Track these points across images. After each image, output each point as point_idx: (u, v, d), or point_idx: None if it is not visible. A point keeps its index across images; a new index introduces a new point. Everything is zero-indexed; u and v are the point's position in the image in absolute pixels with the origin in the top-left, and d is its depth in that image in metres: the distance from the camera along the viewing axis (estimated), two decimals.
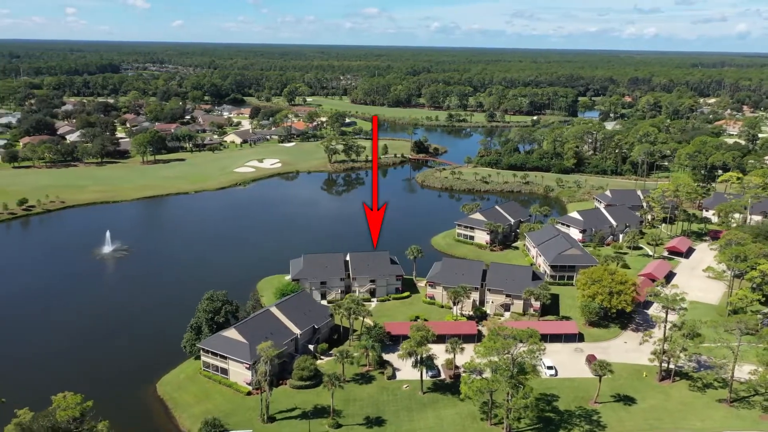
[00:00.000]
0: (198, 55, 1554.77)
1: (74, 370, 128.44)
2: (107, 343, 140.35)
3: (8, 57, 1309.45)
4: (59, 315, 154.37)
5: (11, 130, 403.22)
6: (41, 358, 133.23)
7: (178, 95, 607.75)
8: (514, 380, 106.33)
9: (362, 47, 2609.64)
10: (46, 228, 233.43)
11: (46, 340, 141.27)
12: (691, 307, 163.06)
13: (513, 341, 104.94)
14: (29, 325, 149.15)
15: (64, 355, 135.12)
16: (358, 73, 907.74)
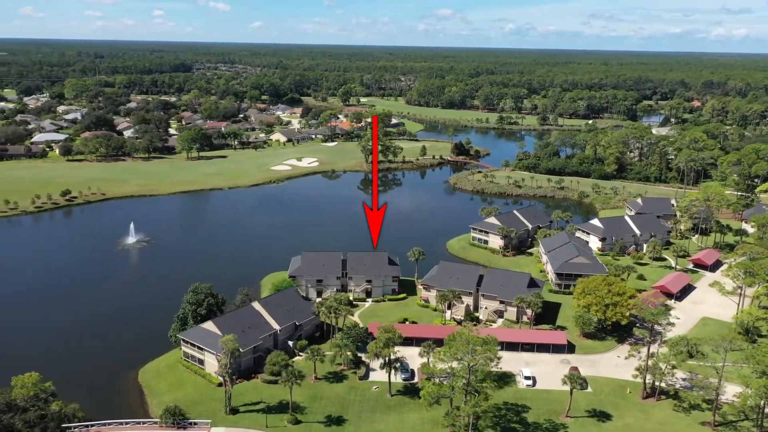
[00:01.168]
0: (268, 55, 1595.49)
1: (65, 354, 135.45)
2: (103, 330, 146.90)
3: (92, 57, 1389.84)
4: (66, 300, 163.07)
5: (75, 126, 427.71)
6: (39, 341, 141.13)
7: (236, 94, 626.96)
8: (471, 387, 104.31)
9: (434, 49, 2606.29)
10: (81, 218, 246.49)
11: (47, 324, 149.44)
12: (701, 324, 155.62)
13: (466, 347, 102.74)
14: (36, 308, 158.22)
15: (61, 339, 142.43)
16: (420, 74, 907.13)
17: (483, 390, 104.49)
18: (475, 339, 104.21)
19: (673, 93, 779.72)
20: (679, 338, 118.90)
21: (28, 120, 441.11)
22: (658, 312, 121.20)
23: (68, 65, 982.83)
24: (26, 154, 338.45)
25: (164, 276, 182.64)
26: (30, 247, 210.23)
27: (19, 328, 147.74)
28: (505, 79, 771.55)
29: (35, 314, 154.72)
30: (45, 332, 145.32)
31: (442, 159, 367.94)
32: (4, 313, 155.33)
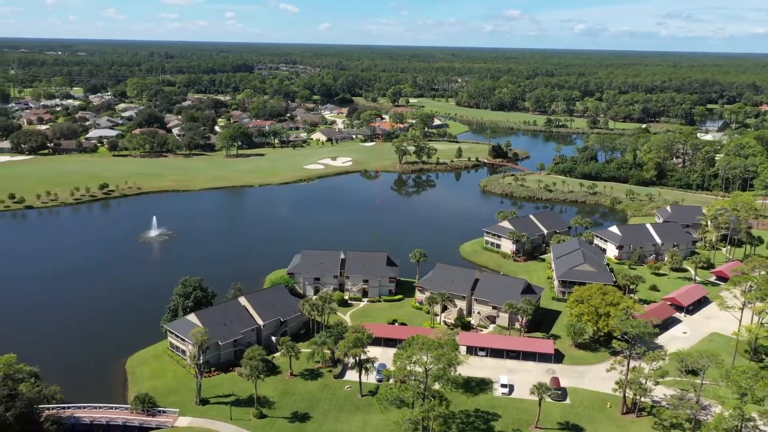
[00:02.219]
0: (330, 56, 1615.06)
1: (63, 339, 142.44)
2: (105, 318, 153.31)
3: (163, 57, 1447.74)
4: (76, 288, 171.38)
5: (129, 123, 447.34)
6: (41, 325, 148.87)
7: (287, 94, 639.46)
8: (428, 391, 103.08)
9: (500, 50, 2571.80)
10: (113, 211, 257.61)
11: (53, 309, 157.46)
12: (707, 339, 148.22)
13: (420, 349, 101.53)
14: (45, 295, 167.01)
15: (62, 324, 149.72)
16: (478, 75, 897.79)
17: (438, 395, 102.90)
18: (430, 342, 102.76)
19: (741, 97, 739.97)
20: (658, 353, 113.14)
21: (86, 117, 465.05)
22: (639, 325, 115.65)
23: (137, 65, 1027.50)
24: (77, 148, 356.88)
25: (176, 268, 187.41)
26: (57, 237, 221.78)
27: (25, 312, 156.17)
28: (560, 81, 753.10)
29: (44, 300, 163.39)
30: (49, 317, 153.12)
31: (478, 161, 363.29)
32: (11, 298, 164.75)
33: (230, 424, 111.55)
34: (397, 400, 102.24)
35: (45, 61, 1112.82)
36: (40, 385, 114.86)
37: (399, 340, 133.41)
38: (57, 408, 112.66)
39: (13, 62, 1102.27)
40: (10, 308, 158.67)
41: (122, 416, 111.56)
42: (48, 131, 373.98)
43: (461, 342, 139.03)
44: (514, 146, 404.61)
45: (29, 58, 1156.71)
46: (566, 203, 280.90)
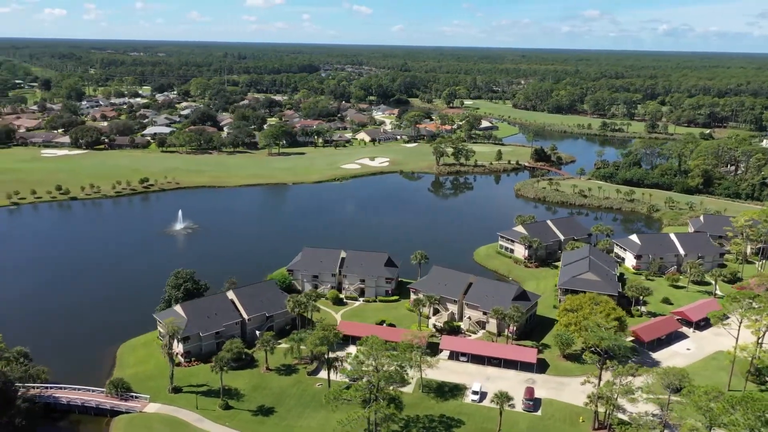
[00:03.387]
0: (397, 57, 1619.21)
1: (67, 324, 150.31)
2: (111, 305, 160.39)
3: (236, 58, 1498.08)
4: (93, 275, 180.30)
5: (184, 121, 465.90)
6: (48, 309, 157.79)
7: (343, 95, 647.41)
8: (380, 393, 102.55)
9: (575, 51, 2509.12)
10: (148, 204, 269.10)
11: (65, 295, 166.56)
12: (710, 358, 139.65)
13: (369, 351, 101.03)
14: (64, 281, 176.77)
15: (69, 310, 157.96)
16: (539, 77, 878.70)
17: (389, 396, 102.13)
18: (379, 343, 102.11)
19: None
20: (627, 368, 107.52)
21: (146, 114, 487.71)
22: (609, 337, 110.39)
23: (207, 65, 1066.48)
24: (130, 144, 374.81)
25: (188, 260, 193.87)
26: (88, 227, 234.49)
27: (36, 295, 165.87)
28: (625, 83, 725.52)
29: (56, 285, 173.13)
30: (57, 302, 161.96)
31: (519, 164, 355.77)
32: (27, 283, 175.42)
33: (195, 412, 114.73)
34: (342, 399, 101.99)
35: (124, 62, 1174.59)
36: (27, 364, 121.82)
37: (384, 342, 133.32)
38: (40, 387, 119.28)
39: (96, 62, 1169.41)
40: (24, 291, 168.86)
41: (97, 399, 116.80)
42: (105, 128, 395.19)
43: (443, 346, 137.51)
44: (563, 150, 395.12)
45: (110, 59, 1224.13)
46: (601, 210, 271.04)
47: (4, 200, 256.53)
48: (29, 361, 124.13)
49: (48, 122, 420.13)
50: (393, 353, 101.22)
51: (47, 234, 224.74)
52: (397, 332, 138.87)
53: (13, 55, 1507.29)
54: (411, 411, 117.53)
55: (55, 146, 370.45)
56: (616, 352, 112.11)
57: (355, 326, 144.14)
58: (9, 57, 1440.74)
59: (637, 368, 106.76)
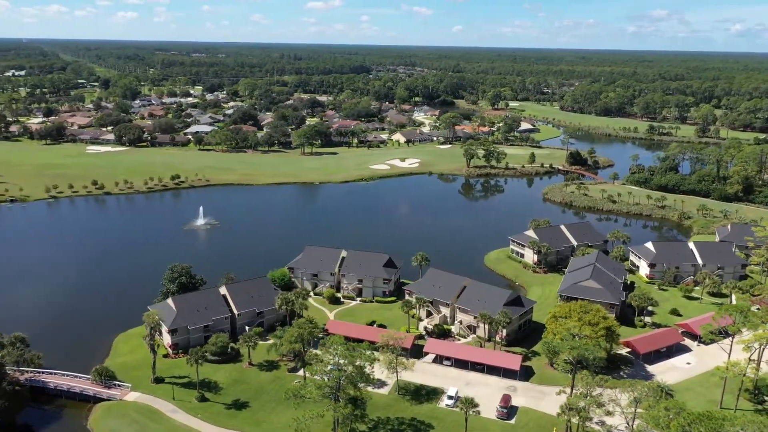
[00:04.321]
0: (452, 58, 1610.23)
1: (74, 312, 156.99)
2: (118, 296, 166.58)
3: (291, 58, 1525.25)
4: (107, 267, 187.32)
5: (226, 120, 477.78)
6: (61, 298, 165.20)
7: (387, 95, 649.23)
8: (341, 392, 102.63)
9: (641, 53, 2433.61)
10: (175, 200, 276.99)
11: (77, 285, 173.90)
12: (709, 374, 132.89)
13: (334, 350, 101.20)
14: (78, 272, 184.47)
15: (79, 299, 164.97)
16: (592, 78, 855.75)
17: (350, 397, 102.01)
18: (340, 342, 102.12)
19: None
20: (596, 379, 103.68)
21: (191, 113, 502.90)
22: (578, 346, 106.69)
23: (260, 66, 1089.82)
24: (170, 142, 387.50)
25: (202, 255, 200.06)
26: (114, 220, 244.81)
27: (48, 285, 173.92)
28: (681, 85, 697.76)
29: (69, 276, 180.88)
30: (67, 291, 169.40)
31: (552, 167, 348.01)
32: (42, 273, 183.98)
33: (171, 403, 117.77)
34: (300, 396, 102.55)
35: (183, 63, 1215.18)
36: (22, 349, 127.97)
37: (370, 342, 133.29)
38: (33, 372, 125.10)
39: (158, 63, 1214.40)
40: (40, 280, 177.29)
41: (82, 385, 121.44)
42: (149, 126, 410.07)
43: (427, 349, 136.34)
44: (605, 154, 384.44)
45: (170, 60, 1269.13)
46: (630, 216, 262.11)
47: (43, 194, 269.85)
48: (26, 346, 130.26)
49: (98, 120, 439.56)
50: (351, 353, 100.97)
51: (75, 226, 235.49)
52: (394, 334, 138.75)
53: (83, 56, 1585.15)
54: (383, 412, 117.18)
55: (100, 143, 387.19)
56: (589, 362, 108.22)
57: (344, 326, 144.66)
58: (78, 58, 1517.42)
59: (606, 380, 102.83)
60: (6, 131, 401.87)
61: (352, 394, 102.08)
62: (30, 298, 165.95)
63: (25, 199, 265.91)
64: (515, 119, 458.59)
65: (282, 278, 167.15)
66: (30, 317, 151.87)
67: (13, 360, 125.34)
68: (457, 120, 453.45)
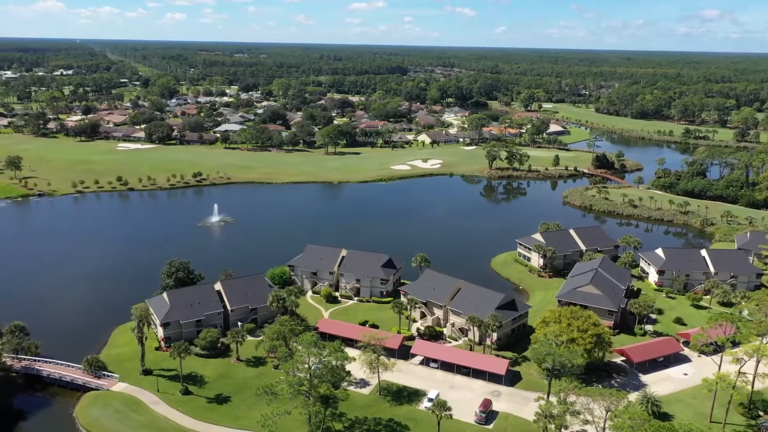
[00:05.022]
0: (492, 59, 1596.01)
1: (81, 303, 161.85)
2: (124, 289, 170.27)
3: (331, 59, 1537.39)
4: (118, 261, 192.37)
5: (255, 119, 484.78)
6: (71, 289, 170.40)
7: (418, 97, 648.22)
8: (312, 391, 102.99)
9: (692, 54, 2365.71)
10: (195, 197, 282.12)
11: (88, 278, 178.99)
12: (702, 386, 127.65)
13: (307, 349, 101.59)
14: (90, 265, 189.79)
15: (87, 289, 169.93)
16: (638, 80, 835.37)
17: (320, 396, 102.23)
18: (310, 340, 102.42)
19: None
20: (570, 386, 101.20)
21: (223, 112, 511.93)
22: (553, 353, 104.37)
23: (297, 66, 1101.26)
24: (198, 140, 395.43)
25: (211, 251, 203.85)
26: (131, 216, 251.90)
27: (57, 277, 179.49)
28: (724, 87, 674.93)
29: (77, 269, 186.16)
30: (73, 284, 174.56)
31: (577, 170, 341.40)
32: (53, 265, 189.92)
33: (155, 395, 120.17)
34: (272, 393, 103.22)
35: (224, 63, 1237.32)
36: (21, 337, 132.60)
37: (355, 341, 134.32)
38: (30, 359, 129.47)
39: (199, 63, 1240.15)
40: (51, 272, 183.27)
41: (72, 374, 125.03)
42: (178, 124, 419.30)
43: (414, 351, 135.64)
44: (636, 158, 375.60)
45: (212, 60, 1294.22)
46: (651, 221, 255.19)
47: (70, 188, 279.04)
48: (25, 335, 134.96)
49: (131, 118, 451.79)
50: (320, 351, 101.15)
51: (94, 221, 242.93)
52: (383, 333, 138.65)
53: (129, 56, 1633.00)
54: (362, 412, 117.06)
55: (131, 140, 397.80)
56: (566, 369, 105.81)
57: (335, 325, 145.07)
58: (125, 58, 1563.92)
59: (579, 387, 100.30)
60: (44, 128, 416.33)
61: (321, 393, 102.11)
62: (38, 288, 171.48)
63: (53, 193, 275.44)
64: (544, 121, 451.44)
65: (281, 276, 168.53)
66: (35, 306, 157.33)
67: (11, 348, 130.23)
68: (484, 121, 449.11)
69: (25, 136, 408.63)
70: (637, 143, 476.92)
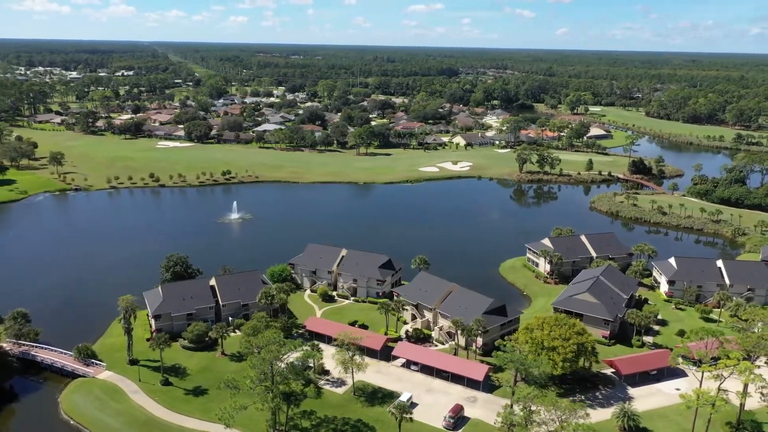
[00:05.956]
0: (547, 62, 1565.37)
1: (83, 293, 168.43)
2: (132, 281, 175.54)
3: (383, 60, 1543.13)
4: (131, 253, 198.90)
5: (295, 119, 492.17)
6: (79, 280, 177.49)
7: (461, 98, 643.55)
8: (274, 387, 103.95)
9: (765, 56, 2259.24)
10: (222, 194, 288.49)
11: (99, 271, 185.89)
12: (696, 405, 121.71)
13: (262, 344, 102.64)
14: (106, 258, 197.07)
15: (94, 280, 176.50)
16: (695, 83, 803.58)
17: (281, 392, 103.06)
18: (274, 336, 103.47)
19: None
20: (527, 395, 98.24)
21: (264, 112, 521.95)
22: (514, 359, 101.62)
23: (347, 68, 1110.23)
24: (235, 140, 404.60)
25: (221, 247, 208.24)
26: (154, 211, 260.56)
27: (70, 267, 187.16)
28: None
29: (91, 261, 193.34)
30: (84, 276, 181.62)
31: (611, 176, 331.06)
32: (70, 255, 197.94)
33: (136, 384, 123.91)
34: (233, 387, 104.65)
35: (277, 64, 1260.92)
36: (23, 324, 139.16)
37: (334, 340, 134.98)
38: (28, 345, 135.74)
39: (254, 65, 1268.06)
40: (66, 263, 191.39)
41: (63, 360, 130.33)
42: (218, 123, 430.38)
43: (396, 353, 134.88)
44: (680, 163, 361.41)
45: (266, 61, 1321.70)
46: (680, 229, 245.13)
47: (105, 184, 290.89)
48: (27, 321, 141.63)
49: (175, 117, 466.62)
50: (279, 348, 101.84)
51: (120, 214, 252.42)
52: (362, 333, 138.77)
53: (190, 57, 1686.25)
54: (333, 411, 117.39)
55: (171, 138, 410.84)
56: (532, 377, 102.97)
57: (322, 323, 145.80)
58: (184, 59, 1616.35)
59: (536, 395, 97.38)
60: (93, 126, 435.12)
61: (282, 389, 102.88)
62: (49, 279, 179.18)
63: (89, 188, 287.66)
64: (584, 124, 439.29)
65: (281, 273, 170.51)
66: (43, 295, 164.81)
67: (13, 333, 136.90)
68: (522, 124, 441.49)
69: (75, 134, 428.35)
70: (689, 149, 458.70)
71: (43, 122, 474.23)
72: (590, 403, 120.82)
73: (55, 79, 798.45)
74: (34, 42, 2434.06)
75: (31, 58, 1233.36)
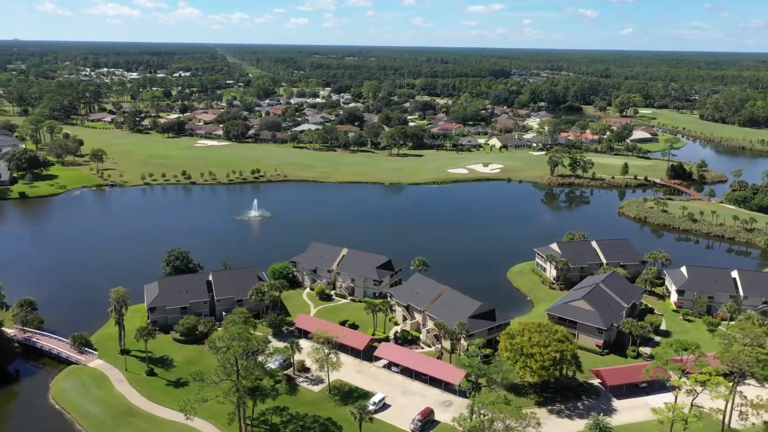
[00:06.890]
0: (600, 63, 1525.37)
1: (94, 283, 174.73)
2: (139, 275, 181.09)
3: (437, 62, 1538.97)
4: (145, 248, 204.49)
5: (334, 120, 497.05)
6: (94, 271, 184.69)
7: (506, 100, 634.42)
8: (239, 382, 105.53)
9: None
10: (247, 192, 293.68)
11: (114, 263, 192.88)
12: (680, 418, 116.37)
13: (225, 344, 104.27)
14: (123, 251, 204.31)
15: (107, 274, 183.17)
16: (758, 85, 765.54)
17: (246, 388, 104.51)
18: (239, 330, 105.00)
19: None
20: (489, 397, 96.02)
21: (306, 112, 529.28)
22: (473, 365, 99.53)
23: (397, 69, 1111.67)
24: (271, 139, 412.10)
25: (237, 243, 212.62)
26: (180, 208, 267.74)
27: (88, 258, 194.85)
28: None
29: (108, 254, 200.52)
30: (99, 267, 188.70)
31: (647, 180, 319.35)
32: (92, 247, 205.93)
33: (123, 373, 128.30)
34: (200, 379, 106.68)
35: (329, 65, 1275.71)
36: (28, 311, 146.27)
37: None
38: (32, 332, 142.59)
39: (307, 66, 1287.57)
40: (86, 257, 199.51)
41: (59, 347, 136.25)
42: (256, 123, 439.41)
43: (378, 353, 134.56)
44: (727, 168, 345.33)
45: (318, 63, 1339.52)
46: (711, 237, 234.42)
47: (139, 180, 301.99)
48: (33, 309, 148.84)
49: (217, 117, 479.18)
50: (244, 344, 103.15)
51: (147, 210, 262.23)
52: (351, 333, 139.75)
53: (246, 59, 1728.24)
54: (305, 409, 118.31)
55: (210, 137, 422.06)
56: (492, 382, 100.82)
57: (312, 322, 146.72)
58: (241, 60, 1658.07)
59: (494, 402, 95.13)
60: (140, 125, 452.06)
61: (245, 384, 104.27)
62: (66, 268, 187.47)
63: (124, 184, 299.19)
64: (626, 127, 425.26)
65: (282, 271, 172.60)
66: (56, 284, 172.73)
67: (19, 320, 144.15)
68: (561, 126, 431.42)
69: (122, 132, 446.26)
70: (742, 154, 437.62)
71: (95, 121, 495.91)
72: (569, 413, 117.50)
73: (115, 80, 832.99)
74: (105, 45, 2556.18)
75: (97, 60, 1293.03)
